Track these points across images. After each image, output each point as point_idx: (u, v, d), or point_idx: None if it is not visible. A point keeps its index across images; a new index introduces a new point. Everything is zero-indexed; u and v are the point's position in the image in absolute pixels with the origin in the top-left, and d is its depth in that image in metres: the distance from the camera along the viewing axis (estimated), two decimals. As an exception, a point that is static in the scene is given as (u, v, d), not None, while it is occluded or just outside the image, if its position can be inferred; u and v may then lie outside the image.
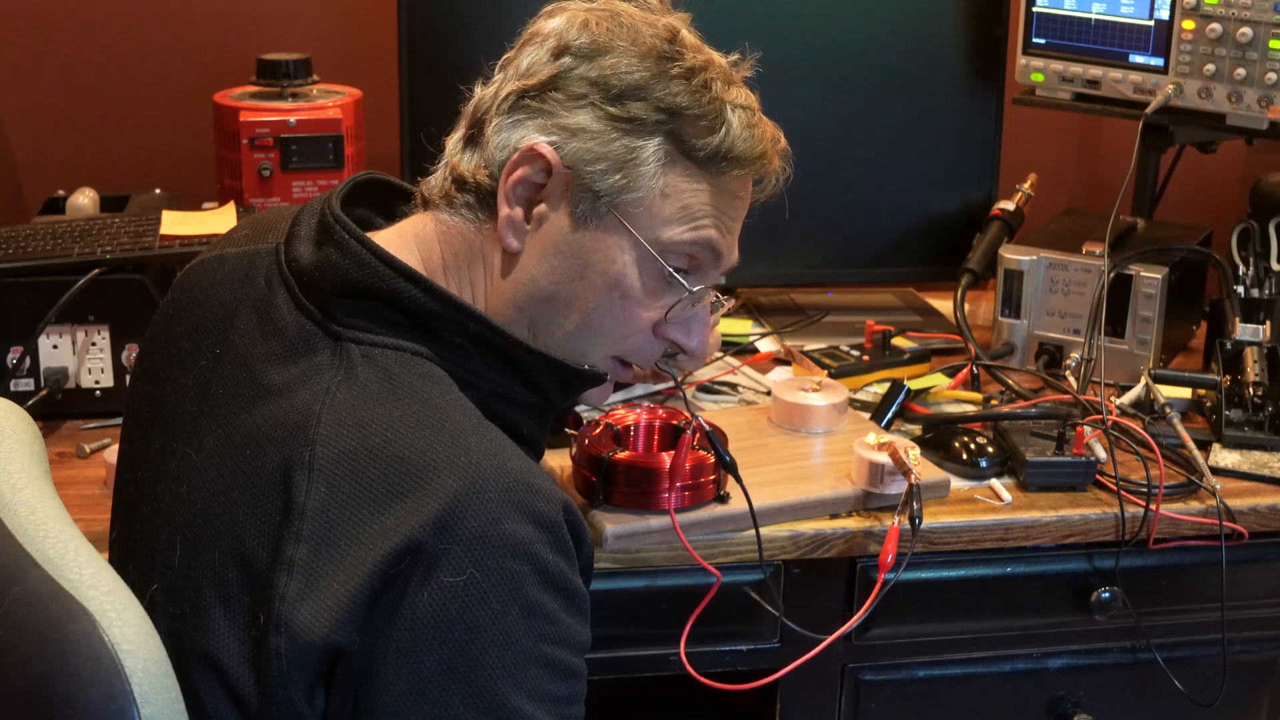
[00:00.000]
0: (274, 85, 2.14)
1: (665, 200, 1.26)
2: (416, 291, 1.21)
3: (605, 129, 1.24)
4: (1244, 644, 1.79)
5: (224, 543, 1.14)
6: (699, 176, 1.27)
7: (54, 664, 1.08)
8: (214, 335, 1.27)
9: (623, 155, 1.24)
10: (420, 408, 1.15)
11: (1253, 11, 1.96)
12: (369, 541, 1.08)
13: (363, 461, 1.11)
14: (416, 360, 1.20)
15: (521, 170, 1.24)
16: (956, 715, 1.77)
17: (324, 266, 1.22)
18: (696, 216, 1.28)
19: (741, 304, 2.30)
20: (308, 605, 1.09)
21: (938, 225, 2.26)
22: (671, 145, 1.25)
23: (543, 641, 1.11)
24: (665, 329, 1.32)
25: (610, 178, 1.24)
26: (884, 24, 2.19)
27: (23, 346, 1.79)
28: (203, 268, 1.34)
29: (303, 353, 1.20)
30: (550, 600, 1.11)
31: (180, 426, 1.25)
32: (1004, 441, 1.75)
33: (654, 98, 1.24)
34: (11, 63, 2.33)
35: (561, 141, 1.24)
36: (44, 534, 1.16)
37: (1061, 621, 1.74)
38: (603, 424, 1.60)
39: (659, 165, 1.25)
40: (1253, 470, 1.76)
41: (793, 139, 1.36)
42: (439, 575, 1.07)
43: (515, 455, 1.16)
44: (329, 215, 1.25)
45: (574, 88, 1.25)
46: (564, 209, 1.25)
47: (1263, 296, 2.01)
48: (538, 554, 1.10)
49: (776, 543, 1.58)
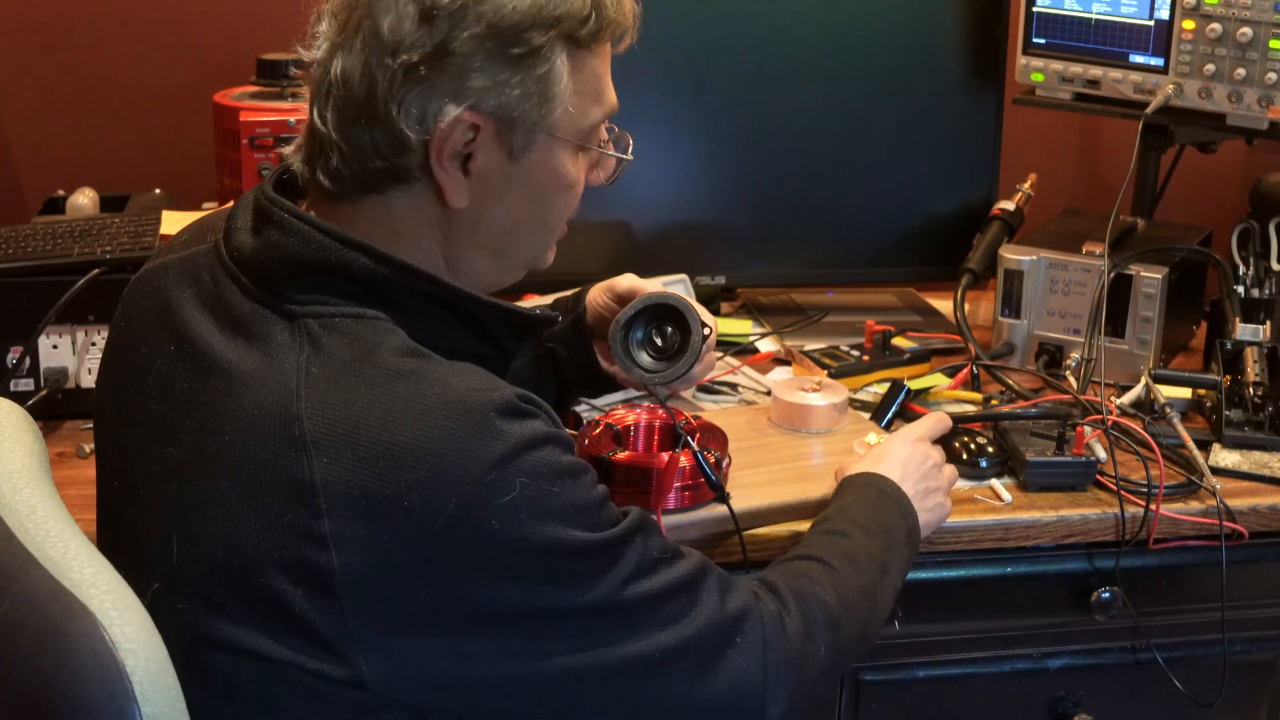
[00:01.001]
0: (274, 85, 2.14)
1: (579, 96, 1.28)
2: (365, 259, 1.21)
3: (513, 71, 1.23)
4: (1244, 644, 1.79)
5: (223, 532, 1.14)
6: (590, 58, 1.29)
7: (55, 663, 1.08)
8: (165, 334, 1.27)
9: (535, 84, 1.24)
10: (395, 359, 1.17)
11: (1253, 11, 1.96)
12: (402, 497, 1.10)
13: (358, 426, 1.12)
14: (376, 322, 1.20)
15: (449, 142, 1.23)
16: (956, 715, 1.77)
17: (268, 249, 1.23)
18: (601, 91, 1.31)
19: (741, 304, 2.30)
20: (370, 575, 1.11)
21: (938, 225, 2.26)
22: (568, 48, 1.26)
23: (584, 491, 1.19)
24: None
25: (532, 107, 1.25)
26: (884, 24, 2.19)
27: (23, 346, 1.79)
28: (147, 277, 1.35)
29: (260, 336, 1.20)
30: (575, 459, 1.20)
31: (152, 428, 1.25)
32: (1004, 441, 1.75)
33: (542, 20, 1.23)
34: (11, 63, 2.33)
35: (478, 101, 1.22)
36: (45, 533, 1.16)
37: (1061, 621, 1.74)
38: (603, 424, 1.60)
39: (567, 74, 1.26)
40: (1253, 470, 1.76)
41: (793, 139, 1.36)
42: (496, 499, 1.11)
43: (499, 384, 1.18)
44: (263, 200, 1.25)
45: (466, 48, 1.21)
46: (497, 151, 1.25)
47: (1263, 296, 2.01)
48: (550, 434, 1.18)
49: (777, 543, 1.58)
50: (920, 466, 1.57)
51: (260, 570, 1.12)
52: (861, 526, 1.46)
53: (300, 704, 1.15)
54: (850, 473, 1.56)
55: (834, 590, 1.37)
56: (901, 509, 1.51)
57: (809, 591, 1.35)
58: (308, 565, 1.11)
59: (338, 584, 1.11)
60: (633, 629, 1.21)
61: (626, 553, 1.21)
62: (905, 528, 1.50)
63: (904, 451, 1.58)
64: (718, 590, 1.27)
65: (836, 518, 1.48)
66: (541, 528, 1.14)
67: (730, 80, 2.13)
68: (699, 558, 1.29)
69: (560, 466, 1.17)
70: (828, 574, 1.38)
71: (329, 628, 1.12)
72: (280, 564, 1.12)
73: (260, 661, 1.13)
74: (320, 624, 1.12)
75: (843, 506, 1.50)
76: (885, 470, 1.55)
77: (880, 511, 1.49)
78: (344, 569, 1.11)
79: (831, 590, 1.37)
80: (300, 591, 1.11)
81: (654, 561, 1.23)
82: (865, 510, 1.49)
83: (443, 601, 1.13)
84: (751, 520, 1.57)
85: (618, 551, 1.20)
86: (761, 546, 1.57)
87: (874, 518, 1.48)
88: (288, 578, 1.12)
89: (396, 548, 1.11)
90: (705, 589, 1.26)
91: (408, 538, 1.11)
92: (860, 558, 1.42)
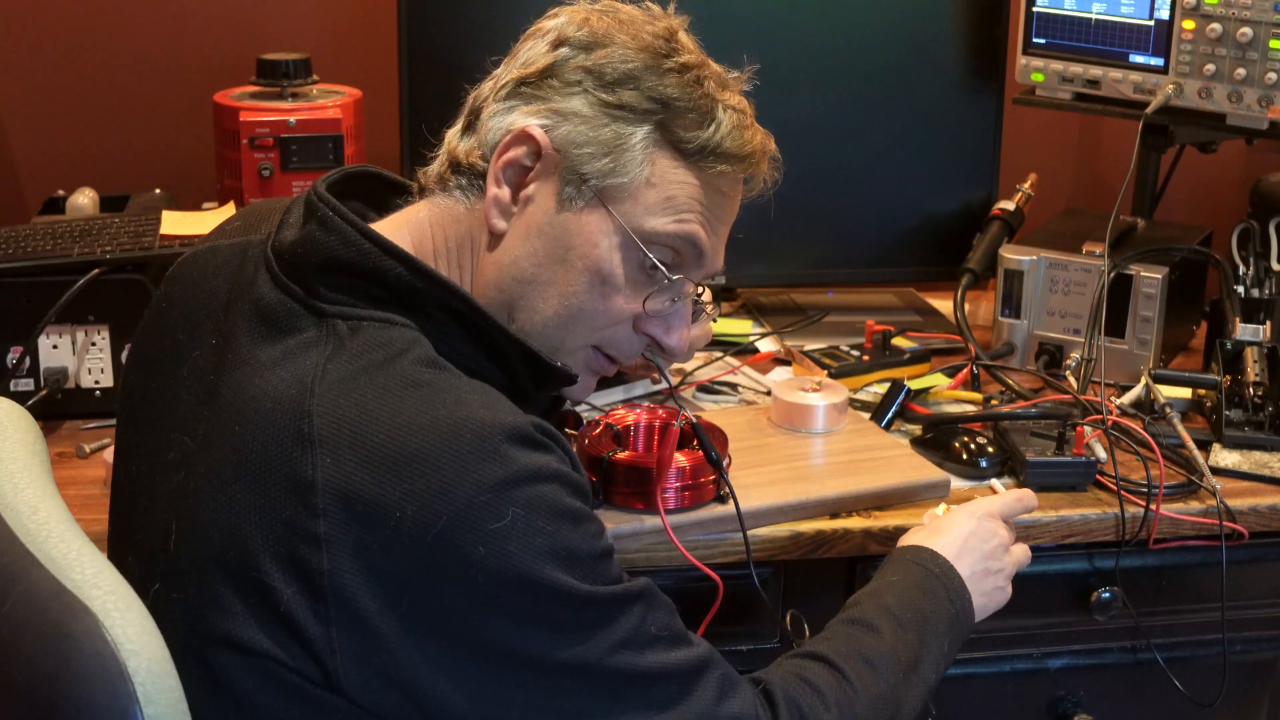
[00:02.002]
0: (274, 85, 2.14)
1: (651, 189, 1.26)
2: (402, 270, 1.21)
3: (596, 114, 1.25)
4: (1244, 644, 1.80)
5: (223, 520, 1.14)
6: (686, 169, 1.28)
7: (57, 663, 1.08)
8: (209, 325, 1.27)
9: (611, 140, 1.25)
10: (415, 368, 1.16)
11: (1253, 11, 1.96)
12: (395, 506, 1.09)
13: (365, 430, 1.11)
14: (403, 329, 1.20)
15: (512, 152, 1.26)
16: (956, 715, 1.77)
17: (306, 243, 1.23)
18: (681, 209, 1.28)
19: (741, 304, 2.30)
20: (357, 581, 1.09)
21: (938, 225, 2.26)
22: (660, 135, 1.26)
23: (582, 539, 1.15)
24: (644, 323, 1.32)
25: (597, 162, 1.25)
26: (883, 24, 2.19)
27: (23, 346, 1.79)
28: (195, 260, 1.35)
29: (287, 330, 1.20)
30: (580, 504, 1.16)
31: (176, 416, 1.25)
32: (1004, 441, 1.75)
33: (646, 87, 1.26)
34: (11, 62, 2.33)
35: (552, 125, 1.26)
36: (46, 533, 1.16)
37: (1061, 621, 1.74)
38: (603, 424, 1.60)
39: (646, 153, 1.26)
40: (1253, 470, 1.76)
41: (792, 139, 1.36)
42: (486, 524, 1.09)
43: (517, 410, 1.17)
44: (313, 196, 1.26)
45: (569, 75, 1.26)
46: (550, 191, 1.26)
47: (1263, 296, 2.01)
48: (558, 472, 1.15)
49: (777, 543, 1.58)
50: (983, 545, 1.45)
51: (256, 563, 1.12)
52: (893, 617, 1.35)
53: (288, 705, 1.14)
54: (904, 543, 1.47)
55: (837, 706, 1.28)
56: (950, 591, 1.40)
57: (808, 707, 1.26)
58: (301, 564, 1.11)
59: (326, 586, 1.10)
60: (613, 701, 1.16)
61: (620, 618, 1.16)
62: (950, 614, 1.39)
63: (967, 526, 1.46)
64: (716, 689, 1.21)
65: (867, 603, 1.37)
66: (529, 563, 1.10)
67: (730, 80, 2.13)
68: (705, 650, 1.23)
69: (560, 507, 1.14)
70: (836, 684, 1.29)
71: (314, 629, 1.11)
72: (276, 558, 1.12)
73: (253, 657, 1.13)
74: (306, 624, 1.11)
75: (878, 588, 1.40)
76: (941, 545, 1.44)
77: (921, 596, 1.39)
78: (333, 571, 1.10)
79: (834, 707, 1.27)
80: (292, 590, 1.11)
81: (650, 638, 1.18)
82: (903, 594, 1.38)
83: (423, 617, 1.11)
84: (751, 520, 1.57)
85: (610, 612, 1.16)
86: (761, 546, 1.57)
87: (911, 604, 1.37)
88: (281, 574, 1.11)
89: (384, 556, 1.10)
90: (703, 684, 1.20)
91: (396, 548, 1.10)
92: (882, 658, 1.32)
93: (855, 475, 1.65)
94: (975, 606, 1.43)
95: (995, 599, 1.47)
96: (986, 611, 1.46)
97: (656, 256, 1.28)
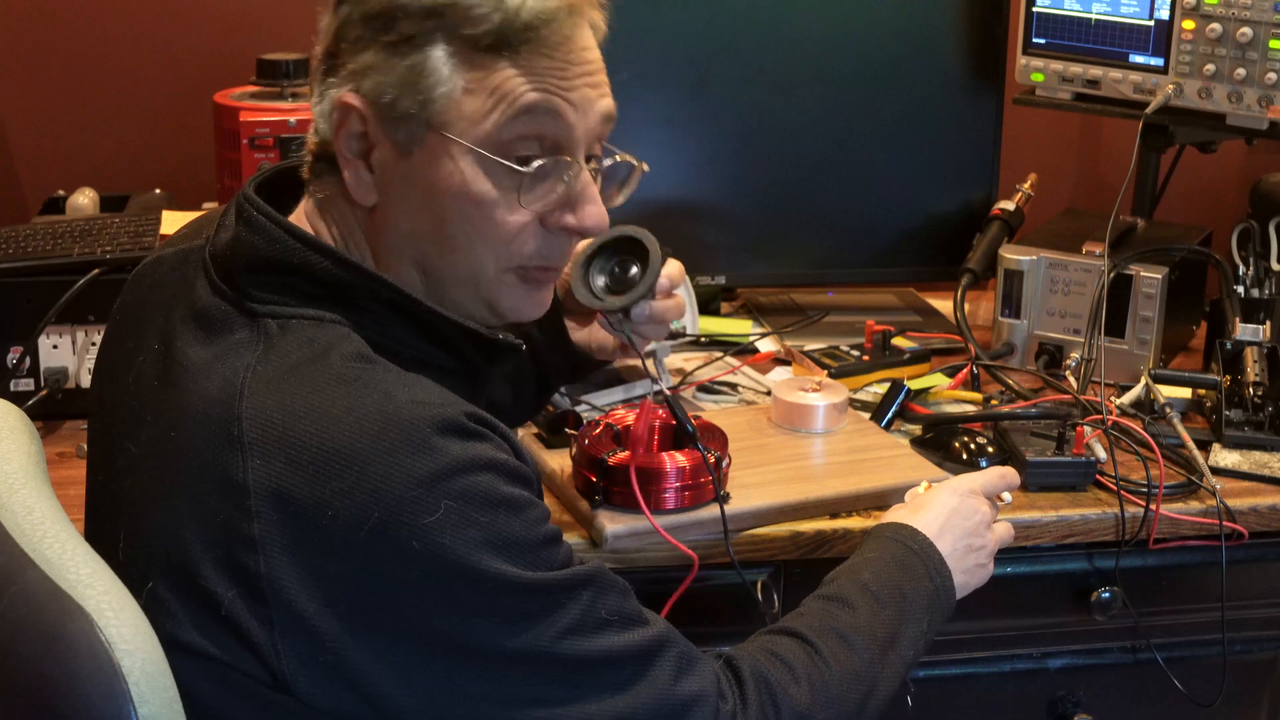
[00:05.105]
0: (274, 85, 2.14)
1: (471, 96, 1.21)
2: (328, 263, 1.21)
3: (387, 57, 1.22)
4: (1244, 644, 1.79)
5: (164, 530, 1.15)
6: (495, 61, 1.21)
7: (52, 663, 1.08)
8: (152, 333, 1.27)
9: (409, 73, 1.21)
10: (343, 364, 1.15)
11: (1253, 11, 1.96)
12: (327, 505, 1.09)
13: (294, 429, 1.11)
14: (332, 325, 1.19)
15: (343, 128, 1.24)
16: (956, 715, 1.77)
17: (235, 244, 1.23)
18: (509, 95, 1.22)
19: (741, 304, 2.30)
20: (295, 582, 1.09)
21: (938, 225, 2.26)
22: (453, 45, 1.21)
23: (522, 527, 1.14)
24: (552, 219, 1.27)
25: (410, 98, 1.21)
26: (884, 24, 2.19)
27: (23, 346, 1.79)
28: (144, 270, 1.36)
29: (220, 332, 1.20)
30: (519, 491, 1.15)
31: (124, 424, 1.26)
32: (1004, 441, 1.75)
33: (415, 9, 1.21)
34: (11, 62, 2.33)
35: (359, 84, 1.22)
36: (41, 534, 1.16)
37: (1061, 621, 1.74)
38: (603, 424, 1.60)
39: (450, 65, 1.21)
40: (1253, 470, 1.76)
41: (792, 139, 1.36)
42: (418, 519, 1.08)
43: (449, 400, 1.15)
44: (241, 197, 1.26)
45: (352, 33, 1.23)
46: (389, 145, 1.23)
47: (1263, 296, 2.01)
48: (492, 460, 1.13)
49: (777, 543, 1.58)
50: (965, 522, 1.44)
51: (197, 568, 1.12)
52: (870, 593, 1.34)
53: (242, 707, 1.14)
54: (884, 520, 1.47)
55: (808, 681, 1.27)
56: (930, 568, 1.39)
57: (776, 681, 1.25)
58: (239, 567, 1.11)
59: (265, 588, 1.10)
60: (566, 688, 1.16)
61: (567, 604, 1.15)
62: (929, 590, 1.38)
63: (949, 503, 1.46)
64: (672, 668, 1.20)
65: (844, 579, 1.37)
66: (465, 555, 1.10)
67: (730, 80, 2.13)
68: (662, 629, 1.22)
69: (496, 495, 1.12)
70: (807, 658, 1.28)
71: (257, 632, 1.11)
72: (215, 563, 1.12)
73: (203, 660, 1.13)
74: (249, 628, 1.11)
75: (855, 565, 1.39)
76: (921, 523, 1.43)
77: (900, 572, 1.38)
78: (270, 573, 1.10)
79: (805, 681, 1.27)
80: (232, 593, 1.11)
81: (600, 621, 1.17)
82: (881, 571, 1.37)
83: (364, 615, 1.10)
84: (751, 520, 1.57)
85: (556, 598, 1.15)
86: (761, 546, 1.57)
87: (889, 580, 1.36)
88: (221, 578, 1.11)
89: (320, 556, 1.10)
90: (658, 664, 1.20)
91: (331, 547, 1.09)
92: (857, 633, 1.31)
93: (855, 475, 1.65)
94: (956, 584, 1.41)
95: (977, 576, 1.46)
96: (968, 589, 1.44)
97: (519, 153, 1.23)
